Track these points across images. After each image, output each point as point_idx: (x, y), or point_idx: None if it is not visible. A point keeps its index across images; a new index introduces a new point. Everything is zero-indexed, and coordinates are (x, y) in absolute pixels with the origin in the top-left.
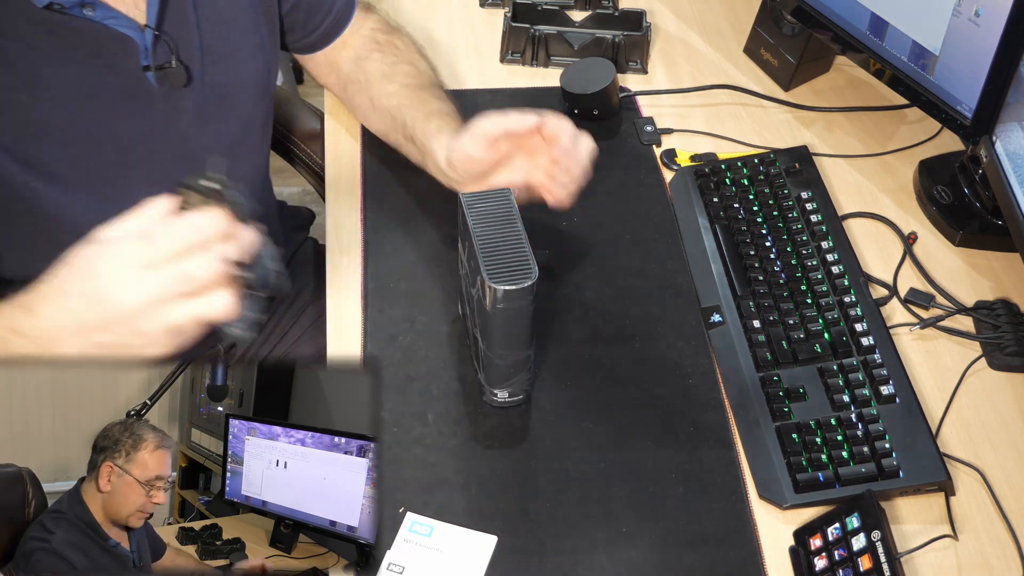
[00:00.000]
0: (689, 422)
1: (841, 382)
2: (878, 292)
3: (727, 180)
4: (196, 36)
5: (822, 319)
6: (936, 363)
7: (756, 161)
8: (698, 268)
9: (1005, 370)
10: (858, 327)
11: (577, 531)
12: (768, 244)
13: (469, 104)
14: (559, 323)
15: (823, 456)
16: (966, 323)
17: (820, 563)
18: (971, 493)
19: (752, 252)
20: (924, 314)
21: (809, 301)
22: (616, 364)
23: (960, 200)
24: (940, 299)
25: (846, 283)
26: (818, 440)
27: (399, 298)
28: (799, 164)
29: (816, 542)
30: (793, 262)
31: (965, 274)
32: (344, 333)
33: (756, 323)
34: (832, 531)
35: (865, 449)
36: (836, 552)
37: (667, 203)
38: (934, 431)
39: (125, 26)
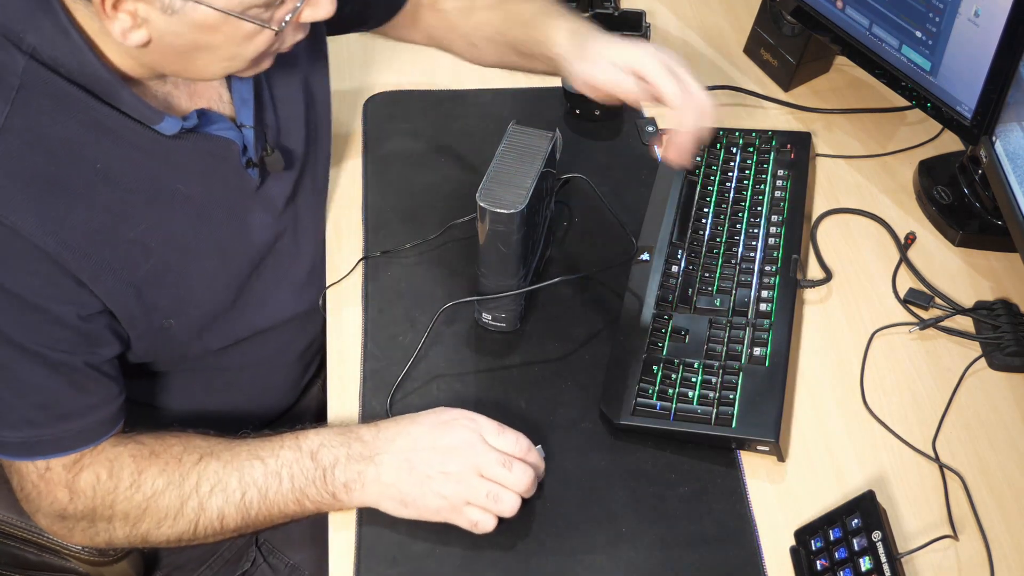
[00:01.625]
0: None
1: (722, 335)
2: (817, 276)
3: (718, 145)
4: (273, 116)
5: (736, 279)
6: (936, 363)
7: (754, 135)
8: (653, 212)
9: (1005, 370)
10: (764, 294)
11: (577, 531)
12: (724, 206)
13: (471, 104)
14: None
15: (671, 390)
16: (966, 323)
17: (821, 563)
18: (971, 493)
19: (706, 209)
20: (924, 314)
21: (734, 262)
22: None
23: (960, 200)
24: (939, 300)
25: (776, 255)
26: (674, 376)
27: (399, 298)
28: (790, 146)
29: (817, 542)
30: (739, 226)
31: (965, 274)
32: (344, 333)
33: (675, 268)
34: (833, 531)
35: (711, 395)
36: (837, 552)
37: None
38: (786, 400)
39: (227, 129)
